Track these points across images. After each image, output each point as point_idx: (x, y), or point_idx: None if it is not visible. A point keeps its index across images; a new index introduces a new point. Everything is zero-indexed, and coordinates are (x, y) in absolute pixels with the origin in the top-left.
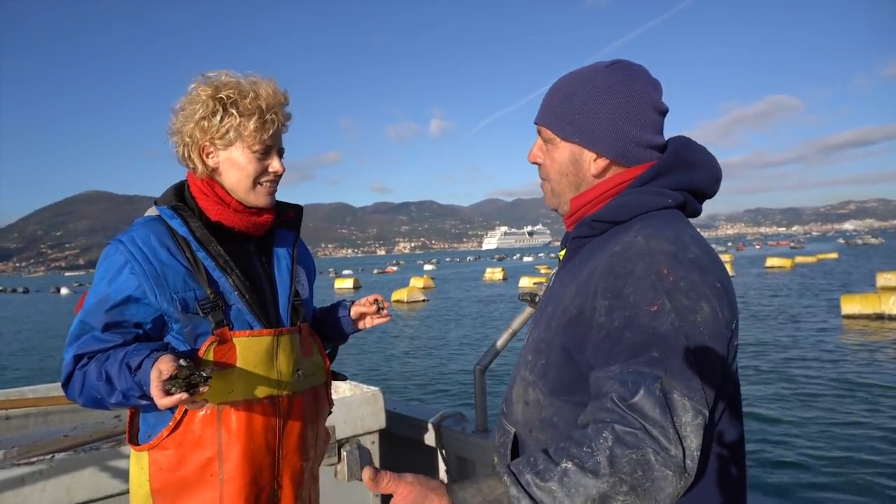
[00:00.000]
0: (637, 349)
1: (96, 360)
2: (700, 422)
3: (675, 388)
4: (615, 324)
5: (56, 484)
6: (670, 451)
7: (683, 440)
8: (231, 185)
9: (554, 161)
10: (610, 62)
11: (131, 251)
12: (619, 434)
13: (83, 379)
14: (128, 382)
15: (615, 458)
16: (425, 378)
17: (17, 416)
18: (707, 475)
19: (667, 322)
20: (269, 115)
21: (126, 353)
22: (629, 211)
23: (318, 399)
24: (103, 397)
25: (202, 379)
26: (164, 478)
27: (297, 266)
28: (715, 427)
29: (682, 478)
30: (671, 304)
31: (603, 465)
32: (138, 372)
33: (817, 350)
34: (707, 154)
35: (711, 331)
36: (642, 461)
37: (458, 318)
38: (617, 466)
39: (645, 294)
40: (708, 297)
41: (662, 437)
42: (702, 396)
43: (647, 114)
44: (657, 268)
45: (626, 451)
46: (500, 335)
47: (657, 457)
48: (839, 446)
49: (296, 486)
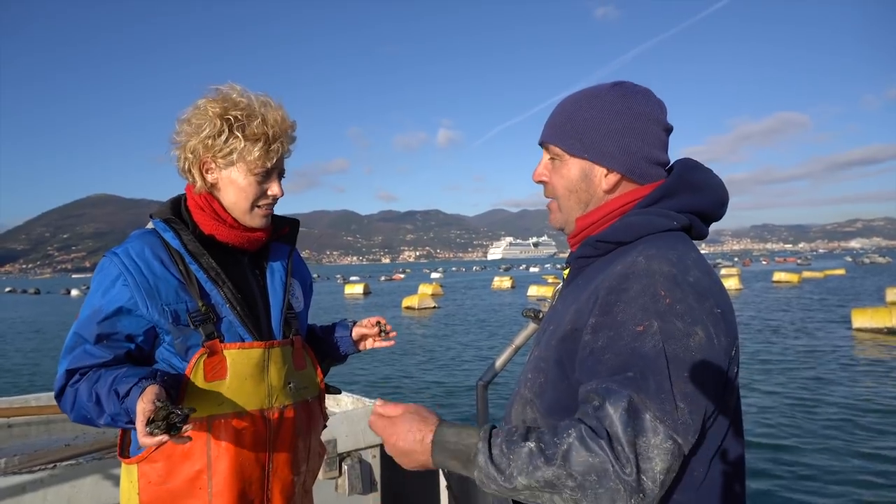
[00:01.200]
0: (615, 369)
1: (87, 380)
2: (669, 446)
3: (649, 409)
4: (598, 343)
5: (57, 493)
6: (625, 469)
7: (644, 461)
8: (229, 204)
9: (562, 178)
10: (613, 82)
11: (125, 263)
12: (583, 435)
13: (74, 397)
14: (116, 408)
15: (571, 454)
16: (437, 389)
17: (20, 425)
18: (709, 494)
19: (649, 343)
20: (276, 144)
21: (115, 377)
22: (634, 232)
23: (310, 412)
24: (93, 418)
25: (180, 418)
26: (153, 491)
27: (291, 279)
28: (719, 446)
29: (634, 496)
30: (660, 326)
31: (558, 457)
32: (126, 400)
33: (828, 362)
34: (713, 177)
35: (705, 356)
36: (599, 468)
37: (469, 325)
38: (570, 463)
39: (633, 314)
40: (704, 323)
41: (619, 453)
42: (677, 421)
43: (652, 130)
44: (654, 289)
45: (583, 451)
46: (502, 351)
47: (614, 470)
48: (844, 452)
49: (286, 500)
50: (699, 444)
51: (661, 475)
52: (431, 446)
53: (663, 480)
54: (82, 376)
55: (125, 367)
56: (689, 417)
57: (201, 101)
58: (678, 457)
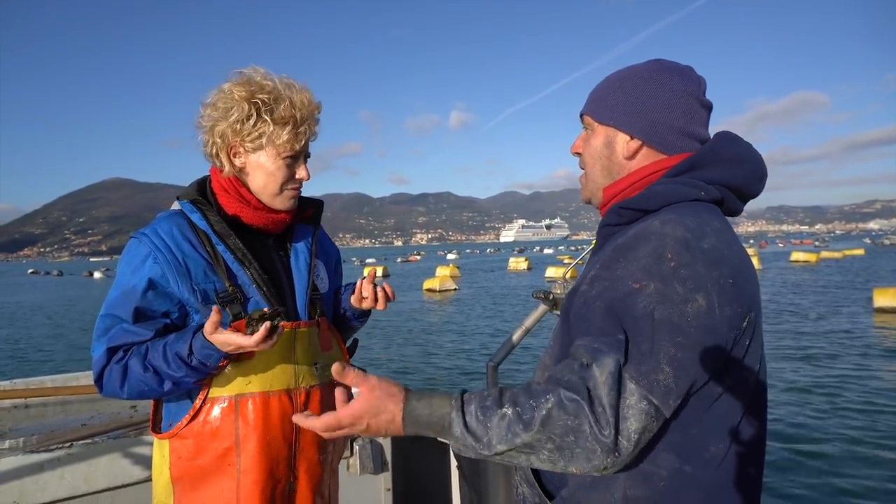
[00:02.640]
0: (604, 323)
1: (135, 356)
2: (644, 406)
3: (629, 370)
4: (592, 292)
5: (74, 471)
6: (604, 431)
7: (621, 421)
8: (257, 188)
9: (590, 146)
10: (653, 59)
11: (154, 242)
12: (561, 398)
13: (123, 373)
14: (182, 371)
15: (550, 418)
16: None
17: (36, 406)
18: (726, 472)
19: (641, 304)
20: (303, 126)
21: (165, 345)
22: (658, 200)
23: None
24: (153, 387)
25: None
26: (183, 466)
27: (315, 260)
28: (737, 424)
29: (609, 455)
30: (657, 288)
31: (536, 422)
32: (192, 356)
33: (849, 341)
34: (751, 150)
35: (700, 324)
36: (576, 429)
37: (487, 306)
38: (548, 427)
39: (633, 272)
40: (707, 291)
41: (600, 415)
42: (656, 383)
43: (683, 102)
44: (662, 250)
45: (562, 415)
46: (513, 332)
47: (591, 429)
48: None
49: (312, 479)
50: (712, 419)
51: (635, 434)
52: (403, 423)
53: (637, 440)
54: (126, 353)
55: (167, 337)
56: (672, 382)
57: (226, 85)
58: (655, 418)
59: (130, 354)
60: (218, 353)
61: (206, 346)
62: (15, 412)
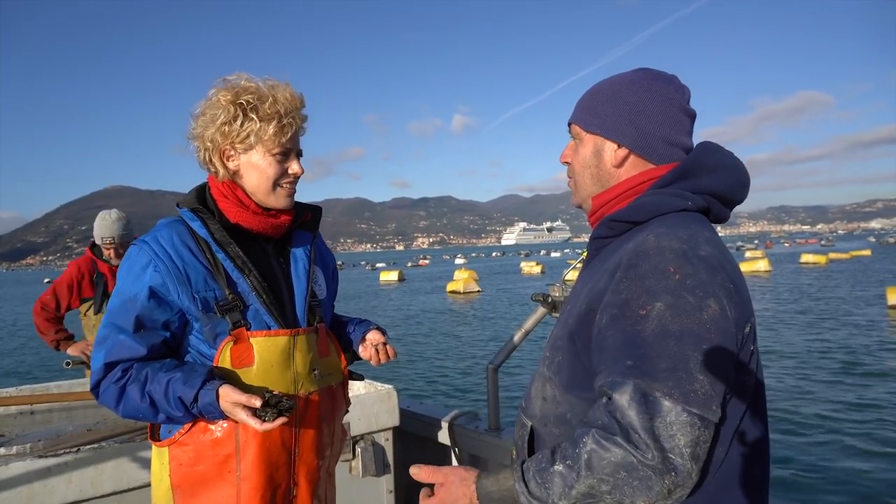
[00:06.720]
0: (617, 353)
1: (135, 381)
2: (686, 418)
3: (656, 389)
4: (604, 320)
5: (82, 476)
6: (646, 455)
7: (666, 440)
8: (251, 188)
9: (579, 155)
10: (639, 68)
11: (155, 250)
12: (597, 437)
13: (120, 396)
14: (179, 411)
15: (592, 461)
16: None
17: (42, 412)
18: (727, 476)
19: (650, 328)
20: (287, 119)
21: (169, 381)
22: (647, 212)
23: (334, 398)
24: (146, 416)
25: (288, 405)
26: (183, 473)
27: (314, 267)
28: (737, 427)
29: (666, 477)
30: (668, 303)
31: (582, 468)
32: (195, 405)
33: (864, 339)
34: (733, 158)
35: (718, 329)
36: (622, 463)
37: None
38: (594, 469)
39: (639, 295)
40: (717, 296)
41: (637, 441)
42: (692, 393)
43: (669, 112)
44: (663, 266)
45: (603, 453)
46: (513, 335)
47: (635, 458)
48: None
49: (312, 483)
50: (717, 424)
51: (687, 448)
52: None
53: (693, 453)
54: (124, 373)
55: (168, 365)
56: (709, 388)
57: (212, 92)
58: (704, 427)
59: (130, 379)
60: (220, 413)
61: (214, 405)
62: (21, 418)
